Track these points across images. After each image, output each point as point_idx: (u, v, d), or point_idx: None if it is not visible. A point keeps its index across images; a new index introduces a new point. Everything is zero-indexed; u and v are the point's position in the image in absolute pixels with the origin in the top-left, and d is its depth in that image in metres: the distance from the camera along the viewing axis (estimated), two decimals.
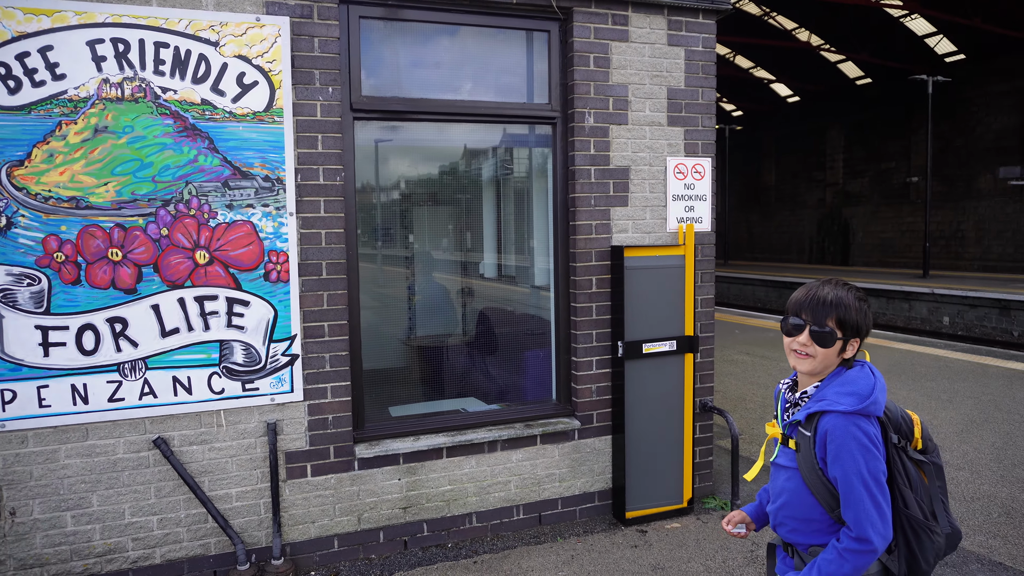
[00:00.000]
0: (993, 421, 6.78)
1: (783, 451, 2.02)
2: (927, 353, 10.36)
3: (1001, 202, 23.71)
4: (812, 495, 1.93)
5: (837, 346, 1.91)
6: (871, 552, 1.80)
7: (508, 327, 5.14)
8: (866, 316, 1.92)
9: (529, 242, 4.96)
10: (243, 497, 3.86)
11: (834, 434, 1.84)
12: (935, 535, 1.91)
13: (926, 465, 1.97)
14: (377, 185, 4.64)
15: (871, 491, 1.81)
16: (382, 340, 4.83)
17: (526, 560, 4.13)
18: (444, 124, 4.38)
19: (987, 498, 4.95)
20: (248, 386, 3.77)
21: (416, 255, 5.11)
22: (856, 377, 1.90)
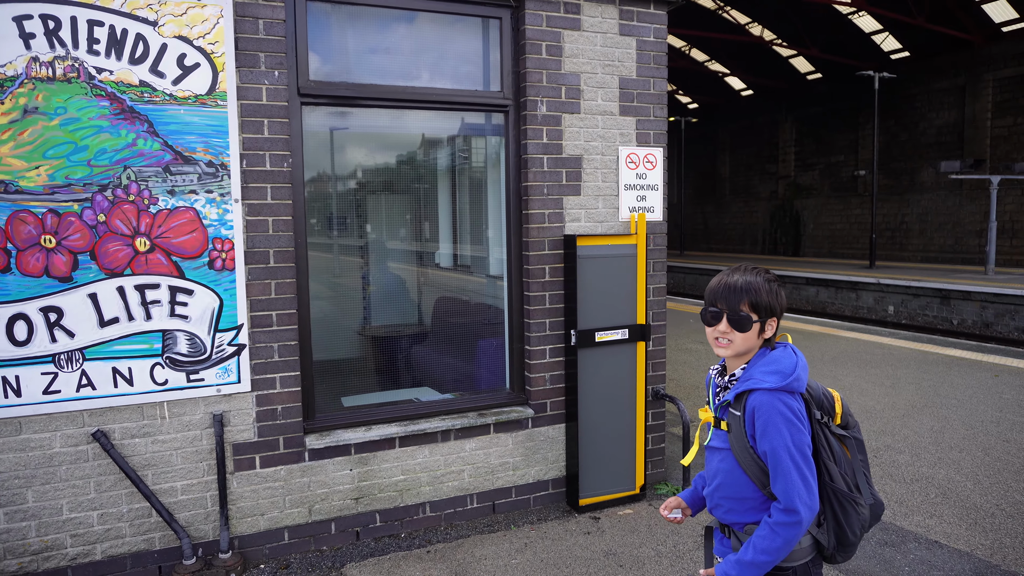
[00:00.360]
0: (933, 406, 7.02)
1: (716, 434, 2.08)
2: (872, 341, 10.68)
3: (943, 195, 24.55)
4: (745, 473, 1.99)
5: (755, 329, 1.98)
6: (798, 523, 1.86)
7: (462, 316, 5.12)
8: (778, 297, 1.99)
9: (483, 231, 4.94)
10: (189, 490, 3.77)
11: (761, 410, 1.90)
12: (860, 507, 1.99)
13: (848, 439, 2.05)
14: (327, 173, 4.55)
15: (797, 463, 1.87)
16: (334, 330, 4.77)
17: (479, 548, 4.13)
18: (395, 111, 4.32)
19: (925, 480, 5.13)
20: (193, 377, 3.67)
21: (368, 244, 5.04)
22: (779, 357, 1.97)
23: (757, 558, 1.90)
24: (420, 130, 4.79)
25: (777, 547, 1.88)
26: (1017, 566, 3.88)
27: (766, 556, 1.89)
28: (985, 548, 4.09)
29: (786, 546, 1.88)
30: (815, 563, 2.03)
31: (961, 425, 6.36)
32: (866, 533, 2.09)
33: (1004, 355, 9.42)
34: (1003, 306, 15.61)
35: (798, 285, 21.41)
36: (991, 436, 6.04)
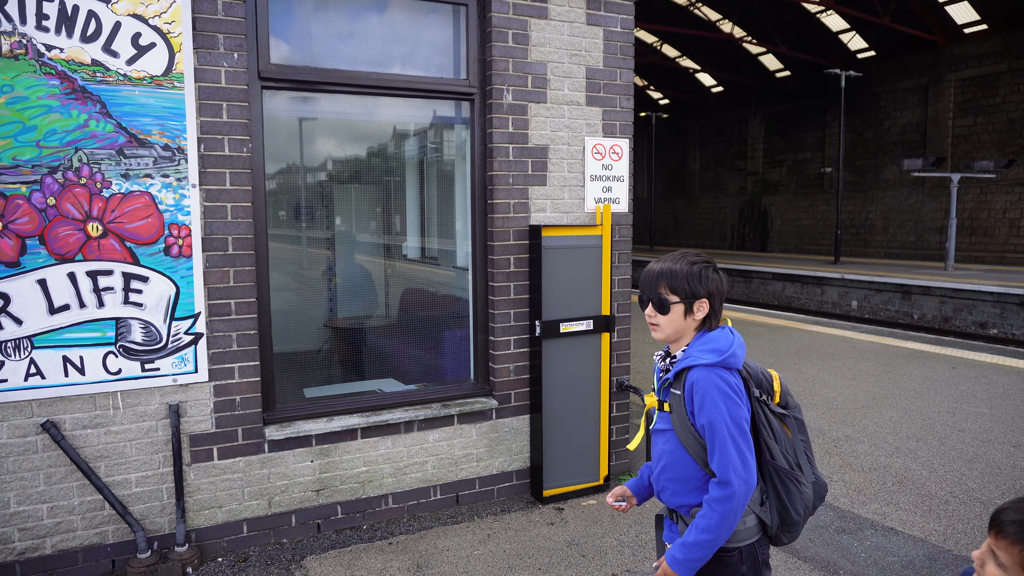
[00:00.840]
0: (892, 397, 7.17)
1: (660, 416, 2.10)
2: (835, 334, 10.86)
3: (905, 193, 25.07)
4: (687, 452, 2.01)
5: (679, 310, 2.02)
6: (733, 496, 1.88)
7: (426, 307, 5.08)
8: (702, 279, 2.01)
9: (447, 220, 4.90)
10: (144, 482, 3.69)
11: (699, 385, 1.94)
12: (802, 485, 2.02)
13: (788, 419, 2.09)
14: (290, 159, 4.47)
15: (733, 436, 1.90)
16: (296, 322, 4.69)
17: (442, 540, 4.10)
18: (359, 97, 4.25)
19: (883, 469, 5.23)
20: (148, 366, 3.58)
21: (332, 234, 4.97)
22: (716, 336, 2.01)
23: (699, 538, 1.91)
24: (386, 118, 4.72)
25: (716, 523, 1.89)
26: (968, 550, 3.97)
27: (707, 535, 1.89)
28: (939, 534, 4.18)
29: (724, 522, 1.89)
30: (761, 544, 2.05)
31: (919, 416, 6.50)
32: (811, 515, 2.11)
33: (961, 348, 9.65)
34: (961, 301, 16.00)
35: (765, 280, 21.71)
36: (947, 426, 6.18)
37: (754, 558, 2.02)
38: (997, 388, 7.45)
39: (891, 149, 25.44)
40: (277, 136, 4.15)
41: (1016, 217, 21.96)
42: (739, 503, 1.89)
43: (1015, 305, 14.98)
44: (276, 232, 4.29)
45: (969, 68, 22.96)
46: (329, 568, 3.79)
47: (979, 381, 7.76)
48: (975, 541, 4.07)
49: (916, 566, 3.83)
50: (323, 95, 4.18)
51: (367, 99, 4.32)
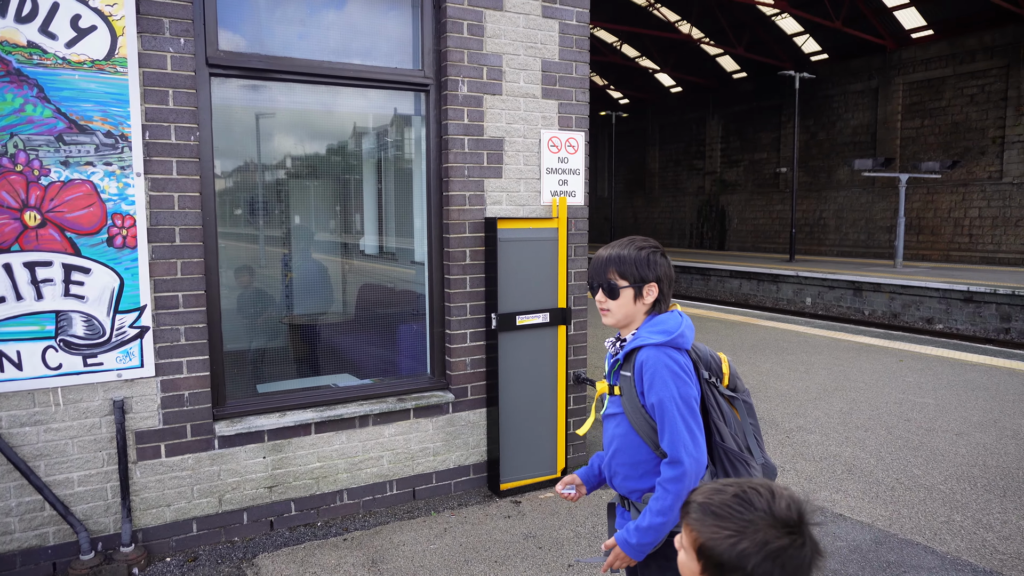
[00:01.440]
0: (842, 389, 7.34)
1: (611, 400, 2.10)
2: (789, 329, 11.09)
3: (857, 192, 25.74)
4: (638, 435, 2.01)
5: (629, 295, 2.04)
6: (684, 475, 1.89)
7: (381, 301, 5.02)
8: (650, 263, 2.03)
9: (403, 213, 4.85)
10: (87, 481, 3.57)
11: (648, 364, 1.95)
12: (752, 468, 2.04)
13: (737, 401, 2.12)
14: (240, 149, 4.37)
15: (683, 415, 1.91)
16: (247, 316, 4.59)
17: (398, 535, 4.07)
18: (312, 86, 4.19)
19: (833, 458, 5.35)
20: (91, 361, 3.47)
21: (285, 226, 4.88)
22: (665, 319, 2.03)
23: (653, 521, 1.91)
24: (340, 109, 4.65)
25: (669, 505, 1.89)
26: (912, 534, 4.09)
27: (660, 517, 1.90)
28: (885, 519, 4.29)
29: (678, 503, 1.88)
30: None
31: (867, 406, 6.67)
32: None
33: (909, 342, 9.94)
34: (909, 297, 16.49)
35: (723, 278, 22.07)
36: (894, 416, 6.35)
37: None
38: (942, 380, 7.68)
39: (843, 150, 26.09)
40: (228, 126, 4.06)
41: (960, 217, 22.72)
42: (691, 482, 1.89)
43: (959, 301, 15.49)
44: (229, 230, 4.20)
45: (916, 72, 23.67)
46: (282, 566, 3.72)
47: (925, 373, 8.00)
48: (919, 525, 4.19)
49: (863, 550, 3.92)
50: (275, 84, 4.10)
51: (320, 89, 4.26)
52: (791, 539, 1.20)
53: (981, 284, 15.30)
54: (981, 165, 22.02)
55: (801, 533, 1.22)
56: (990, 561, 3.78)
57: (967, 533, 4.10)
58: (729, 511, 1.24)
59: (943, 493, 4.66)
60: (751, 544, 1.20)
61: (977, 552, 3.88)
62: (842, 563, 3.77)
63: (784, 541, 1.20)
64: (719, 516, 1.24)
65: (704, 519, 1.26)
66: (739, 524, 1.22)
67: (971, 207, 22.40)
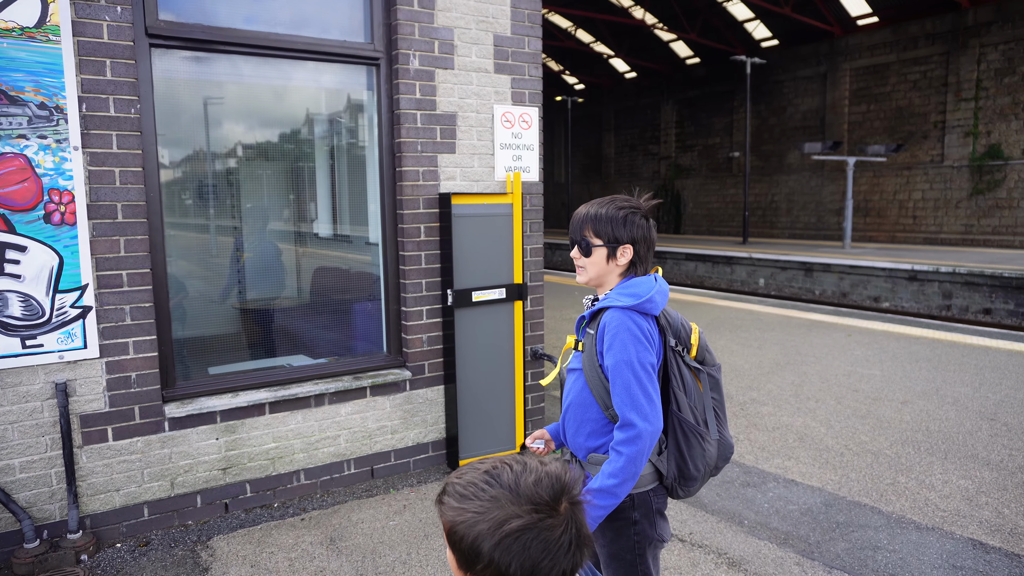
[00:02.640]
0: (794, 363, 7.53)
1: (575, 356, 2.10)
2: (743, 308, 11.31)
3: (807, 176, 26.33)
4: (591, 393, 2.00)
5: (602, 254, 2.02)
6: (638, 437, 1.85)
7: (335, 279, 4.95)
8: (627, 223, 2.00)
9: (356, 190, 4.78)
10: (29, 467, 3.45)
11: (610, 325, 1.93)
12: (705, 442, 2.01)
13: (702, 374, 2.07)
14: (185, 125, 4.24)
15: (639, 378, 1.88)
16: (197, 299, 4.47)
17: (356, 513, 4.03)
18: (259, 59, 4.08)
19: (785, 427, 5.48)
20: (30, 342, 3.34)
21: (235, 206, 4.76)
22: (639, 282, 2.01)
23: (604, 483, 1.86)
24: (288, 83, 4.54)
25: (621, 467, 1.85)
26: (860, 496, 4.22)
27: (613, 479, 1.86)
28: (834, 483, 4.42)
29: (630, 465, 1.86)
30: (656, 493, 2.03)
31: (818, 379, 6.85)
32: (714, 474, 2.09)
33: (856, 318, 10.23)
34: (857, 277, 16.97)
35: (678, 260, 22.38)
36: (843, 387, 6.54)
37: (648, 506, 2.00)
38: (888, 352, 7.94)
39: (793, 134, 26.63)
40: (171, 100, 3.93)
41: (904, 199, 23.44)
42: (645, 445, 1.86)
43: (904, 280, 16.00)
44: (175, 209, 4.08)
45: (862, 58, 24.25)
46: (238, 547, 3.66)
47: (872, 347, 8.25)
48: (867, 488, 4.33)
49: (814, 512, 4.04)
50: (219, 57, 3.99)
51: (267, 62, 4.15)
52: (535, 518, 1.04)
53: (925, 263, 15.83)
54: (924, 149, 22.73)
55: (551, 512, 1.06)
56: (932, 518, 3.93)
57: (911, 493, 4.25)
58: (473, 490, 1.08)
59: (889, 457, 4.83)
60: (487, 526, 1.04)
61: (920, 511, 4.03)
62: (794, 525, 3.88)
63: (524, 520, 1.03)
64: (463, 496, 1.09)
65: (449, 501, 1.10)
66: (479, 504, 1.06)
67: (915, 190, 23.12)
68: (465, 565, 1.08)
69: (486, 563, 1.04)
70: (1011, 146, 20.73)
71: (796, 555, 3.53)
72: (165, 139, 3.90)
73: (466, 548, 1.06)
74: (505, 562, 1.03)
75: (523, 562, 1.03)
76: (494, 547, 1.03)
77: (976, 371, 7.02)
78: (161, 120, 3.74)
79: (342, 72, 4.42)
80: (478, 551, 1.04)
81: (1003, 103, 20.80)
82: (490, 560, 1.04)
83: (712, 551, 3.58)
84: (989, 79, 21.06)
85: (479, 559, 1.05)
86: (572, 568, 1.07)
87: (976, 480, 4.43)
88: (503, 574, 1.04)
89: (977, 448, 4.96)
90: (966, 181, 21.79)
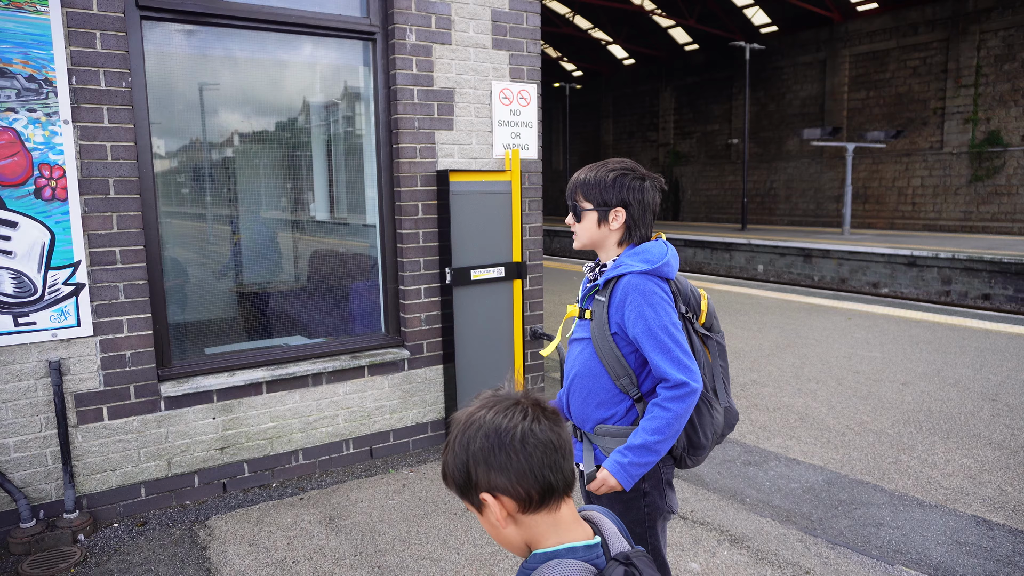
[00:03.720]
0: (794, 345, 7.50)
1: (579, 324, 2.04)
2: (742, 292, 11.28)
3: (806, 163, 26.25)
4: (600, 363, 1.94)
5: (592, 218, 1.99)
6: (690, 395, 1.83)
7: (332, 258, 4.89)
8: (616, 186, 1.95)
9: (353, 167, 4.72)
10: (24, 447, 3.41)
11: (634, 291, 1.87)
12: (715, 409, 1.99)
13: (711, 341, 2.04)
14: (178, 100, 4.17)
15: (676, 339, 1.85)
16: (194, 280, 4.42)
17: (355, 492, 4.00)
18: (252, 33, 4.01)
19: (786, 408, 5.46)
20: (22, 320, 3.29)
21: (228, 186, 4.69)
22: (650, 247, 1.96)
23: (647, 439, 1.82)
24: (283, 57, 4.45)
25: (667, 423, 1.82)
26: (862, 475, 4.20)
27: (656, 436, 1.82)
28: (836, 462, 4.39)
29: (675, 422, 1.82)
30: (665, 463, 2.00)
31: (818, 361, 6.82)
32: (719, 442, 2.07)
33: (857, 301, 10.20)
34: (856, 263, 16.93)
35: (678, 247, 22.27)
36: (843, 369, 6.51)
37: (657, 476, 1.98)
38: (888, 335, 7.91)
39: (792, 121, 26.51)
40: (163, 74, 3.86)
41: (903, 186, 23.37)
42: (692, 403, 1.83)
43: (903, 266, 15.97)
44: (171, 185, 4.03)
45: (862, 44, 24.12)
46: (236, 526, 3.63)
47: (872, 330, 8.22)
48: (868, 466, 4.31)
49: (816, 490, 4.01)
50: (212, 30, 3.92)
51: (261, 36, 4.09)
52: (507, 417, 1.08)
53: (924, 249, 15.79)
54: (923, 135, 22.64)
55: (518, 410, 1.10)
56: (935, 496, 3.91)
57: (913, 472, 4.23)
58: (457, 427, 1.13)
59: (891, 437, 4.80)
60: (461, 449, 1.09)
61: (923, 488, 4.00)
62: (796, 503, 3.85)
63: (487, 427, 1.08)
64: (447, 446, 1.15)
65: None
66: (462, 432, 1.11)
67: (914, 176, 23.05)
68: (463, 494, 1.12)
69: (476, 480, 1.08)
70: (1010, 133, 20.66)
71: (798, 532, 3.50)
72: (157, 114, 3.83)
73: (460, 481, 1.10)
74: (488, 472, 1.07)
75: (504, 466, 1.06)
76: (472, 461, 1.07)
77: (977, 353, 6.99)
78: (153, 94, 3.67)
79: (338, 47, 4.35)
80: (467, 474, 1.08)
81: (1003, 89, 20.71)
82: (476, 477, 1.07)
83: (714, 528, 3.55)
84: (989, 65, 20.96)
85: (470, 481, 1.09)
86: (557, 466, 1.08)
87: (979, 459, 4.40)
88: (497, 486, 1.07)
89: (979, 428, 4.94)
90: (965, 168, 21.73)
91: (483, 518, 1.12)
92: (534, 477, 1.06)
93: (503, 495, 1.07)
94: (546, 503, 1.08)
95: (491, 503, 1.08)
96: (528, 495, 1.06)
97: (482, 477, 1.07)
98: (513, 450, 1.06)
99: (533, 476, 1.06)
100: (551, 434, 1.09)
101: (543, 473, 1.06)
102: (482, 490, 1.08)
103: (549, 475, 1.07)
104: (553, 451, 1.08)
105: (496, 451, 1.06)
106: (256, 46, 4.16)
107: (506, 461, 1.05)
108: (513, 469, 1.06)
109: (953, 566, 3.20)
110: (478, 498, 1.09)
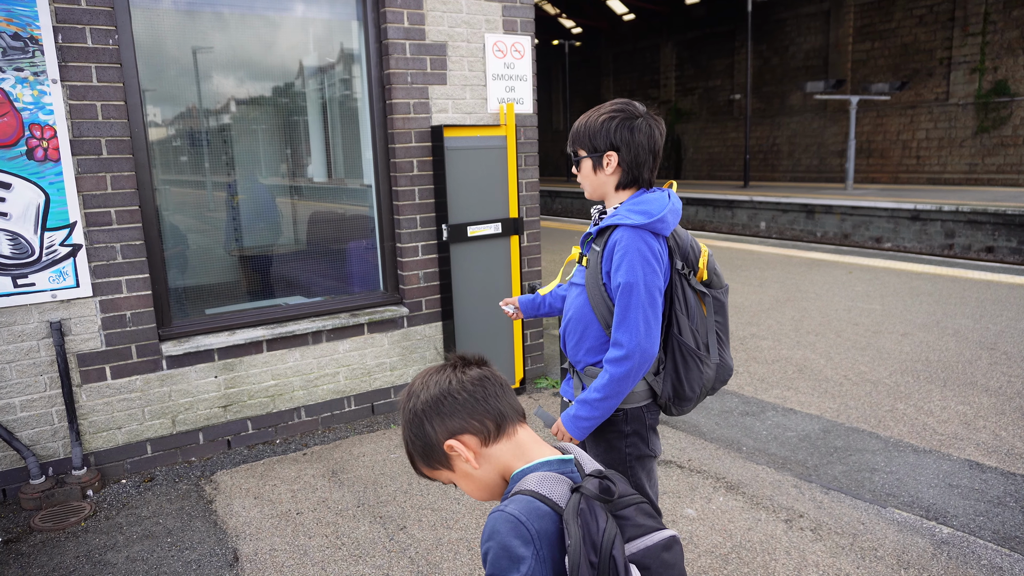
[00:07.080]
0: (794, 299, 7.51)
1: (578, 270, 2.05)
2: (744, 248, 11.26)
3: (809, 118, 25.90)
4: (592, 311, 1.95)
5: (588, 165, 1.97)
6: (625, 359, 1.83)
7: (329, 218, 4.88)
8: (604, 130, 1.90)
9: (347, 124, 4.68)
10: (30, 406, 3.46)
11: (620, 245, 1.86)
12: (704, 364, 1.98)
13: (707, 297, 2.01)
14: (167, 58, 4.12)
15: (642, 302, 1.83)
16: (193, 243, 4.42)
17: (358, 447, 4.07)
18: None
19: (785, 360, 5.49)
20: (21, 281, 3.31)
21: (222, 147, 4.66)
22: (651, 198, 1.92)
23: (589, 395, 1.90)
24: (273, 13, 4.39)
25: (605, 383, 1.86)
26: (858, 423, 4.24)
27: (596, 394, 1.88)
28: (833, 411, 4.44)
29: (614, 384, 1.86)
30: (650, 409, 2.02)
31: (818, 314, 6.84)
32: (710, 394, 2.08)
33: (857, 255, 10.18)
34: (859, 218, 16.83)
35: None
36: (843, 321, 6.54)
37: (641, 421, 2.00)
38: (889, 288, 7.91)
39: (796, 75, 26.08)
40: (151, 32, 3.80)
41: (908, 139, 23.08)
42: (632, 367, 1.84)
43: (906, 220, 15.87)
44: (161, 147, 4.00)
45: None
46: (241, 480, 3.70)
47: (873, 283, 8.22)
48: (865, 415, 4.35)
49: (812, 438, 4.06)
50: None
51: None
52: (438, 375, 1.19)
53: (927, 203, 15.68)
54: (929, 87, 22.28)
55: (446, 367, 1.21)
56: (929, 441, 3.96)
57: (909, 419, 4.27)
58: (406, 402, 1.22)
59: (888, 386, 4.84)
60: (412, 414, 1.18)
61: (918, 435, 4.05)
62: (792, 451, 3.91)
63: (434, 379, 1.18)
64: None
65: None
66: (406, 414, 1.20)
67: (919, 129, 22.75)
68: (430, 462, 1.20)
69: (435, 435, 1.16)
70: (1018, 82, 20.31)
71: (794, 478, 3.56)
72: (146, 73, 3.79)
73: (422, 445, 1.18)
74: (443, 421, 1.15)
75: (453, 409, 1.15)
76: (425, 421, 1.16)
77: (977, 303, 7.00)
78: (141, 52, 3.63)
79: (329, 1, 4.27)
80: (425, 434, 1.16)
81: (1011, 37, 20.29)
82: (434, 431, 1.15)
83: (711, 476, 3.61)
84: (997, 12, 20.49)
85: (430, 440, 1.16)
86: (499, 395, 1.18)
87: (974, 405, 4.44)
88: (455, 429, 1.15)
89: (976, 376, 4.97)
90: (971, 119, 21.43)
91: (456, 475, 1.20)
92: (483, 408, 1.15)
93: (463, 435, 1.15)
94: (503, 430, 1.16)
95: (457, 447, 1.15)
96: (484, 426, 1.15)
97: (439, 427, 1.15)
98: (455, 393, 1.15)
99: (482, 408, 1.15)
100: (482, 372, 1.19)
101: (489, 403, 1.16)
102: (444, 439, 1.15)
103: (496, 403, 1.16)
104: (489, 383, 1.18)
105: (442, 401, 1.15)
106: (246, 3, 4.09)
107: (453, 404, 1.15)
108: (462, 408, 1.15)
109: (944, 507, 3.25)
110: (443, 451, 1.16)
